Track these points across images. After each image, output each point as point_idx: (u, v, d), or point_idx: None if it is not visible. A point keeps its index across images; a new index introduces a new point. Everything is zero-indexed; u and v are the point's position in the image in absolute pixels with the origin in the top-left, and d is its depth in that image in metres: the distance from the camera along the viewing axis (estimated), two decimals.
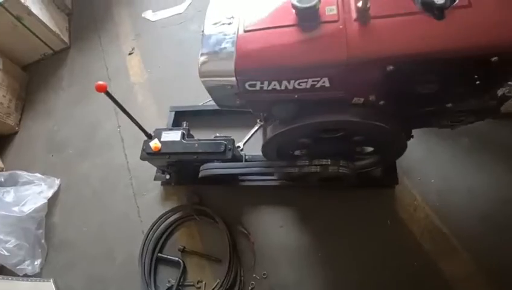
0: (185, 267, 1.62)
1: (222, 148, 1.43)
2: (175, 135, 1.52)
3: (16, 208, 1.84)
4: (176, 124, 1.97)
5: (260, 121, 1.88)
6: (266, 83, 0.95)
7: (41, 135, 2.33)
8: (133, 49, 2.51)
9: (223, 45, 0.97)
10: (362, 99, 0.96)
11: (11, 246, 1.77)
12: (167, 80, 2.30)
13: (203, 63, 0.99)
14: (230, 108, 1.14)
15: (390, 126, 1.01)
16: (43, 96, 2.51)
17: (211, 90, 1.04)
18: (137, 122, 1.53)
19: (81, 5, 2.94)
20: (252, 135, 1.87)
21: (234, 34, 0.98)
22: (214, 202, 1.72)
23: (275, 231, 1.61)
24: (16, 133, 2.38)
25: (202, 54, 0.99)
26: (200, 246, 1.67)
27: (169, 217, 1.73)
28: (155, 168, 1.93)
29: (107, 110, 2.28)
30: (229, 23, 1.00)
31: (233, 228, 1.64)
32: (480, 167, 1.59)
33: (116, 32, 2.66)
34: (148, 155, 1.53)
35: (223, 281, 1.50)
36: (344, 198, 1.58)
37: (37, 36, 2.50)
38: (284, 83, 0.94)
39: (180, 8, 2.60)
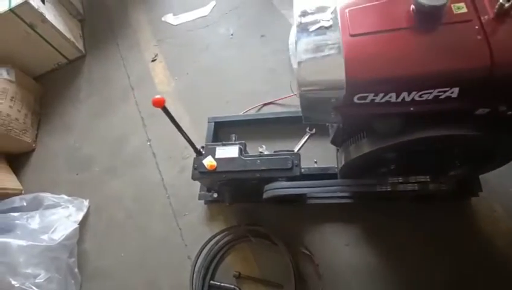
0: None
1: (289, 165, 1.29)
2: (232, 151, 1.37)
3: (44, 236, 1.65)
4: (215, 136, 1.82)
5: (310, 130, 1.77)
6: (381, 95, 0.81)
7: (61, 152, 2.15)
8: (156, 55, 2.35)
9: (326, 52, 0.83)
10: (488, 110, 0.83)
11: (42, 280, 1.57)
12: (197, 87, 2.15)
13: (304, 72, 0.85)
14: (318, 122, 1.00)
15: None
16: (60, 109, 2.32)
17: (307, 102, 0.90)
18: (188, 138, 1.37)
19: (94, 11, 2.76)
20: (302, 145, 1.73)
21: (337, 38, 0.84)
22: (269, 222, 1.57)
23: (340, 250, 1.47)
24: (33, 150, 2.19)
25: (300, 62, 0.85)
26: (256, 270, 1.52)
27: (220, 240, 1.57)
28: (195, 185, 1.76)
29: (133, 122, 2.11)
30: (328, 26, 0.86)
31: (294, 250, 1.50)
32: None
33: (136, 38, 2.49)
34: (202, 174, 1.38)
35: None
36: (414, 212, 1.45)
37: (50, 44, 2.32)
38: (403, 94, 0.80)
39: (204, 11, 2.45)
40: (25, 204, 1.82)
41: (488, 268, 1.33)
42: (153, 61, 2.34)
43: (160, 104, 1.12)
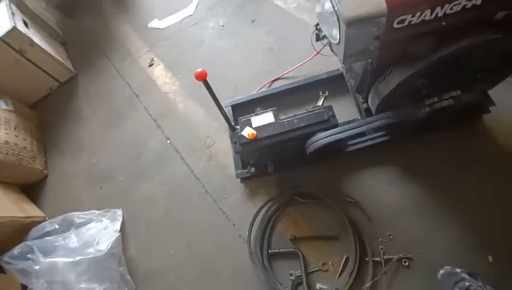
0: (303, 255, 1.51)
1: (326, 116, 1.37)
2: (267, 117, 1.44)
3: (90, 249, 1.62)
4: (235, 118, 1.87)
5: (323, 93, 1.87)
6: (418, 14, 0.92)
7: (78, 171, 2.10)
8: (152, 60, 2.37)
9: None
10: (504, 13, 0.97)
11: None
12: None
13: (347, 10, 0.94)
14: (357, 60, 1.09)
15: None
16: (65, 131, 2.27)
17: (351, 38, 0.99)
18: (225, 114, 1.42)
19: (73, 32, 2.74)
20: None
21: None
22: (309, 183, 1.63)
23: (383, 191, 1.56)
24: (46, 177, 2.12)
25: (341, 1, 0.94)
26: (309, 230, 1.58)
27: (268, 210, 1.62)
28: (227, 169, 1.81)
29: (146, 126, 2.12)
30: None
31: (338, 201, 1.57)
32: None
33: (126, 48, 2.50)
34: (243, 146, 1.42)
35: (356, 253, 1.43)
36: (439, 142, 1.55)
37: (41, 69, 2.28)
38: (437, 10, 0.92)
39: (189, 10, 2.51)
40: (57, 227, 1.77)
41: None
42: (150, 66, 2.35)
43: (203, 77, 1.16)
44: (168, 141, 2.02)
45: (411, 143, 1.59)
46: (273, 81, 2.02)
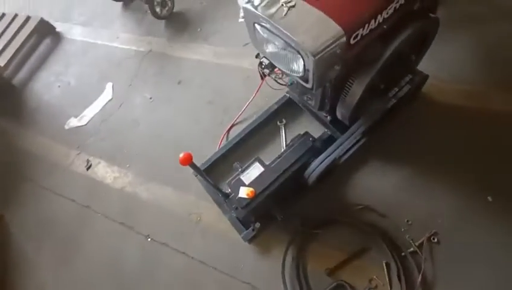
0: (348, 283, 1.44)
1: (309, 143, 1.36)
2: (256, 169, 1.36)
3: None
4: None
5: (280, 122, 1.89)
6: (366, 26, 1.00)
7: None
8: (88, 161, 2.09)
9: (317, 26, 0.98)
10: (418, 4, 1.13)
11: None
12: (155, 159, 2.01)
13: (310, 42, 0.97)
14: (325, 82, 1.13)
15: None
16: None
17: (320, 66, 1.02)
18: (217, 186, 1.30)
19: None
20: (285, 136, 1.85)
21: (312, 8, 0.99)
22: (314, 210, 1.59)
23: (379, 185, 1.61)
24: None
25: (300, 37, 0.96)
26: (339, 255, 1.51)
27: (292, 258, 1.51)
28: (228, 237, 1.66)
29: (114, 234, 1.83)
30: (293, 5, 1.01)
31: (351, 213, 1.56)
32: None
33: (49, 162, 2.17)
34: (246, 208, 1.31)
35: (392, 254, 1.41)
36: (397, 122, 1.67)
37: None
38: (378, 17, 1.02)
39: (106, 95, 2.32)
40: None
41: (471, 119, 1.64)
42: (88, 168, 2.06)
43: (189, 161, 1.05)
44: (149, 239, 1.76)
45: (377, 133, 1.68)
46: (228, 131, 1.97)
